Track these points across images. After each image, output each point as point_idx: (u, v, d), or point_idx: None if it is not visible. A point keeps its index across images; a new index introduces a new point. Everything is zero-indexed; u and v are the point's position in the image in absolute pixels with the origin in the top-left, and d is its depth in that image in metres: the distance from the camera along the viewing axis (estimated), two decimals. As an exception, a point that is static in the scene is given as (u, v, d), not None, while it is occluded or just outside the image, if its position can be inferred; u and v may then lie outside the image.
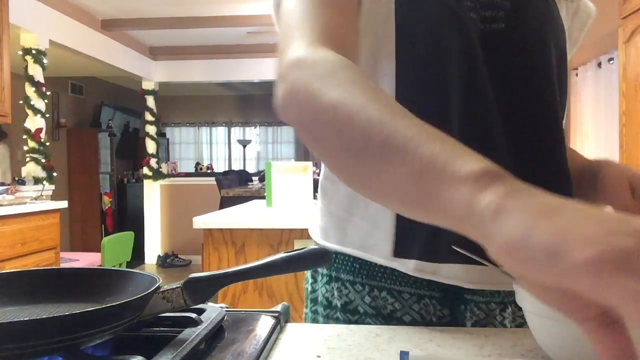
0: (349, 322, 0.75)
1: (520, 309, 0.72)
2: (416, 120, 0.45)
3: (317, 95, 0.49)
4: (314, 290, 0.82)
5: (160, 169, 7.13)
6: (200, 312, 0.64)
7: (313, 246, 0.66)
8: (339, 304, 0.76)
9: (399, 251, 0.71)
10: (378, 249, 0.72)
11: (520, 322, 0.76)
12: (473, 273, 0.70)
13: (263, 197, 3.84)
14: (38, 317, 0.54)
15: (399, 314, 0.73)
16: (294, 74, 0.53)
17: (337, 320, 0.77)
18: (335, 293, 0.77)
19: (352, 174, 0.50)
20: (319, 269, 0.80)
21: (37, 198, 3.93)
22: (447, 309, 0.73)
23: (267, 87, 8.69)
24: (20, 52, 4.28)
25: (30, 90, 4.27)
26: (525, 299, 0.55)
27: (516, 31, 0.70)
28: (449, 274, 0.70)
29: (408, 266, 0.71)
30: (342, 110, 0.47)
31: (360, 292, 0.75)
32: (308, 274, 0.84)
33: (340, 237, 0.76)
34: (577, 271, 0.31)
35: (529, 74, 0.71)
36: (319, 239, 0.80)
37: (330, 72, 0.51)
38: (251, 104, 9.73)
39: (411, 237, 0.70)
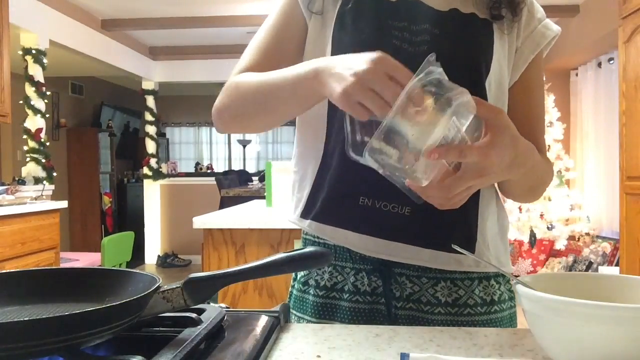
0: (300, 291, 0.93)
1: (455, 284, 0.86)
2: (273, 72, 0.82)
3: (232, 88, 0.90)
4: None
5: (160, 169, 7.13)
6: (200, 312, 0.64)
7: (313, 246, 0.66)
8: (297, 277, 0.96)
9: (304, 214, 0.90)
10: (294, 214, 0.93)
11: (455, 297, 0.86)
12: (362, 241, 0.85)
13: (263, 197, 3.84)
14: (38, 317, 0.54)
15: (339, 285, 0.89)
16: (224, 88, 0.92)
17: (296, 290, 0.95)
18: (302, 272, 0.95)
19: (261, 114, 0.87)
20: None
21: (37, 198, 3.93)
22: (379, 280, 0.86)
23: (267, 87, 8.69)
24: (20, 52, 4.28)
25: (30, 90, 4.27)
26: (525, 299, 0.55)
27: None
28: (332, 234, 0.87)
29: (306, 225, 0.90)
30: (242, 88, 0.88)
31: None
32: None
33: (288, 213, 0.97)
34: (339, 103, 0.67)
35: None
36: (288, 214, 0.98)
37: (238, 78, 0.90)
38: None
39: (314, 202, 0.89)
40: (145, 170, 7.01)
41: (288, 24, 0.91)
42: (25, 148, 4.33)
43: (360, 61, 0.65)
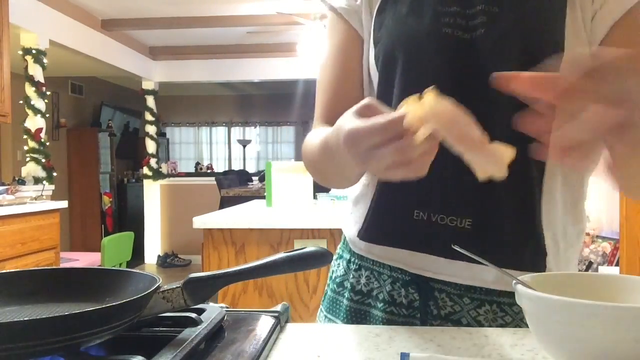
0: (334, 292, 0.88)
1: (501, 310, 0.75)
2: (316, 144, 0.76)
3: (304, 154, 0.84)
4: (332, 265, 0.93)
5: (160, 169, 7.13)
6: (200, 312, 0.64)
7: (313, 246, 0.66)
8: (333, 277, 0.90)
9: (362, 235, 0.83)
10: (352, 232, 0.86)
11: (500, 323, 0.75)
12: (417, 260, 0.78)
13: (263, 197, 3.84)
14: (38, 317, 0.54)
15: (375, 292, 0.82)
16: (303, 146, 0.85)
17: (331, 291, 0.89)
18: (336, 267, 0.91)
19: (333, 178, 0.82)
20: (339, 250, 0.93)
21: (37, 198, 3.93)
22: (417, 293, 0.79)
23: (267, 87, 8.70)
24: (20, 52, 4.28)
25: (30, 90, 4.27)
26: (525, 299, 0.55)
27: (493, 34, 0.71)
28: (388, 255, 0.80)
29: (359, 246, 0.84)
30: (308, 160, 0.83)
31: (350, 270, 0.87)
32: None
33: (345, 222, 0.91)
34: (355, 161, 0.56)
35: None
36: (341, 223, 0.94)
37: (305, 142, 0.83)
38: (251, 104, 9.73)
39: (372, 224, 0.81)
40: (145, 170, 7.01)
41: (345, 46, 0.84)
42: (25, 148, 4.33)
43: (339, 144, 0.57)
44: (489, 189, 0.70)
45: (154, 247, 7.14)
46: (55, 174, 4.43)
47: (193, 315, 0.61)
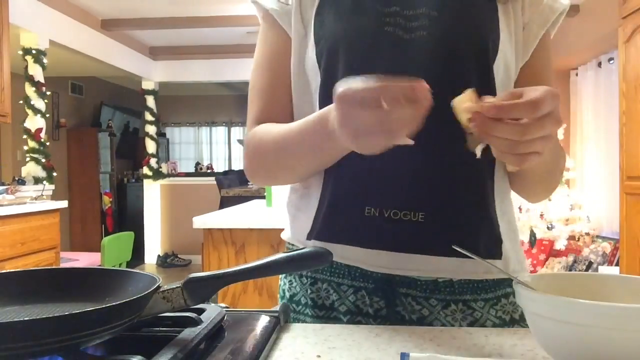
0: (294, 312, 0.84)
1: (468, 307, 0.76)
2: (285, 126, 0.76)
3: (252, 151, 0.83)
4: (280, 285, 0.91)
5: (160, 169, 7.13)
6: (200, 312, 0.64)
7: (313, 246, 0.66)
8: (287, 295, 0.86)
9: (313, 234, 0.80)
10: (301, 235, 0.83)
11: (470, 320, 0.77)
12: (373, 257, 0.76)
13: (263, 197, 3.84)
14: (38, 317, 0.54)
15: (336, 304, 0.80)
16: (245, 149, 0.85)
17: (293, 311, 0.85)
18: (287, 285, 0.87)
19: (285, 172, 0.81)
20: None
21: (37, 198, 3.93)
22: (382, 301, 0.77)
23: (267, 87, 8.67)
24: (20, 52, 4.28)
25: (30, 90, 4.27)
26: (525, 299, 0.55)
27: (435, 37, 0.74)
28: (343, 254, 0.78)
29: (309, 245, 0.79)
30: (262, 152, 0.81)
31: (305, 285, 0.83)
32: None
33: (291, 231, 0.88)
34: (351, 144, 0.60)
35: (445, 74, 0.73)
36: (283, 234, 0.91)
37: (255, 136, 0.83)
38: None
39: (323, 223, 0.79)
40: (145, 170, 7.01)
41: (276, 52, 0.85)
42: (25, 148, 4.33)
43: (332, 117, 0.61)
44: (441, 181, 0.75)
45: (154, 247, 7.14)
46: (55, 174, 4.43)
47: (193, 315, 0.61)
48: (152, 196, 7.14)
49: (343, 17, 0.78)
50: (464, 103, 0.59)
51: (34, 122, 4.28)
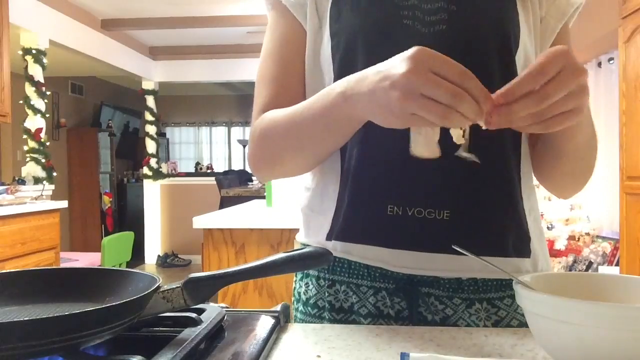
0: (310, 315, 0.81)
1: (493, 305, 0.74)
2: (295, 106, 0.73)
3: (259, 136, 0.79)
4: (295, 287, 0.87)
5: (160, 169, 7.13)
6: (200, 312, 0.64)
7: (313, 246, 0.66)
8: (304, 299, 0.83)
9: (328, 235, 0.79)
10: (320, 236, 0.80)
11: (495, 319, 0.75)
12: (394, 256, 0.74)
13: (263, 197, 3.84)
14: (38, 317, 0.54)
15: (356, 306, 0.77)
16: (251, 136, 0.82)
17: (302, 314, 0.83)
18: (304, 288, 0.84)
19: (299, 158, 0.77)
20: None
21: (37, 198, 3.93)
22: (404, 302, 0.76)
23: (267, 87, 8.67)
24: (20, 52, 4.28)
25: (30, 90, 4.27)
26: (525, 299, 0.55)
27: (456, 31, 0.73)
28: (365, 254, 0.76)
29: (330, 247, 0.77)
30: (271, 135, 0.77)
31: (322, 287, 0.81)
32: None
33: (305, 232, 0.85)
34: (388, 124, 0.59)
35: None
36: (298, 236, 0.88)
37: (263, 120, 0.79)
38: (251, 104, 9.68)
39: (341, 222, 0.77)
40: (145, 170, 7.01)
41: (287, 40, 0.83)
42: (25, 148, 4.33)
43: (394, 66, 0.56)
44: (467, 178, 0.72)
45: (154, 247, 7.14)
46: (55, 173, 4.43)
47: (193, 315, 0.61)
48: (152, 196, 7.14)
49: (361, 10, 0.76)
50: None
51: (34, 122, 4.28)
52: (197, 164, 9.21)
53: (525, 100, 0.54)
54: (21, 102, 4.23)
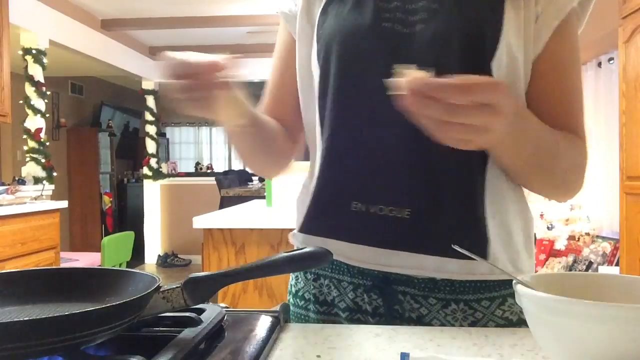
0: (299, 307, 0.85)
1: (470, 307, 0.74)
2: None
3: None
4: (290, 280, 0.92)
5: (160, 169, 7.13)
6: (200, 312, 0.64)
7: (313, 246, 0.66)
8: (294, 291, 0.87)
9: (302, 228, 0.82)
10: (297, 229, 0.85)
11: (472, 320, 0.75)
12: (356, 252, 0.76)
13: (263, 197, 3.84)
14: (38, 317, 0.54)
15: (336, 300, 0.80)
16: None
17: (293, 306, 0.86)
18: (294, 281, 0.88)
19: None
20: None
21: (37, 198, 3.93)
22: (380, 299, 0.77)
23: (267, 87, 8.68)
24: (20, 52, 4.28)
25: (30, 90, 4.27)
26: (525, 299, 0.55)
27: (432, 30, 0.73)
28: (320, 245, 0.74)
29: (299, 239, 0.83)
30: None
31: (309, 281, 0.84)
32: None
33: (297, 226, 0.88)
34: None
35: (439, 69, 0.68)
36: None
37: None
38: (251, 104, 9.70)
39: (311, 216, 0.81)
40: (145, 170, 7.01)
41: (283, 50, 0.89)
42: (25, 148, 4.33)
43: None
44: (427, 178, 0.73)
45: (154, 247, 7.14)
46: (55, 173, 4.43)
47: (193, 315, 0.61)
48: (152, 196, 7.14)
49: (342, 16, 0.78)
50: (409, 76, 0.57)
51: (34, 122, 4.28)
52: (197, 164, 9.21)
53: (437, 105, 0.55)
54: (21, 102, 4.24)
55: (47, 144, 4.38)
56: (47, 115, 4.45)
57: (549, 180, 0.77)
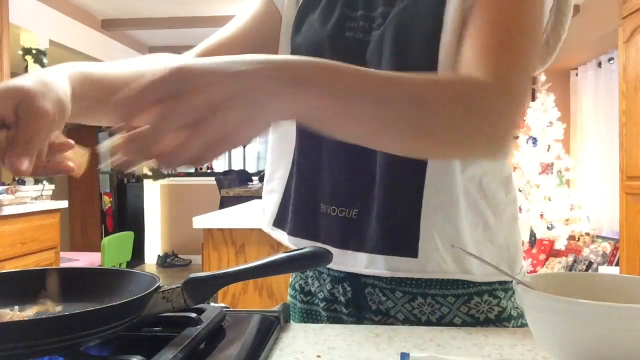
0: (291, 297, 0.90)
1: (437, 302, 0.75)
2: None
3: None
4: None
5: (160, 169, 7.12)
6: (200, 312, 0.64)
7: (313, 246, 0.66)
8: (290, 281, 0.92)
9: (277, 223, 0.87)
10: (267, 220, 0.90)
11: (439, 315, 0.75)
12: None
13: (263, 197, 3.83)
14: (38, 317, 0.54)
15: (316, 290, 0.85)
16: None
17: (289, 296, 0.91)
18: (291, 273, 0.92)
19: None
20: None
21: (37, 198, 3.93)
22: (351, 290, 0.80)
23: (267, 87, 8.67)
24: (20, 52, 4.28)
25: (30, 90, 4.27)
26: (525, 299, 0.55)
27: (386, 34, 0.73)
28: (296, 244, 0.80)
29: (284, 237, 0.85)
30: None
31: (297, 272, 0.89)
32: None
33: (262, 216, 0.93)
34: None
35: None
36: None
37: None
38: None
39: (286, 213, 0.84)
40: (145, 170, 7.01)
41: (257, 17, 0.86)
42: (25, 148, 4.33)
43: None
44: (373, 178, 0.75)
45: (154, 247, 7.14)
46: (55, 174, 4.42)
47: (193, 315, 0.61)
48: (152, 196, 7.14)
49: (311, 23, 0.79)
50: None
51: (34, 122, 4.27)
52: (197, 164, 9.20)
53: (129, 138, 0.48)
54: (21, 102, 4.23)
55: (47, 144, 4.37)
56: (47, 115, 4.44)
57: (430, 137, 0.59)
